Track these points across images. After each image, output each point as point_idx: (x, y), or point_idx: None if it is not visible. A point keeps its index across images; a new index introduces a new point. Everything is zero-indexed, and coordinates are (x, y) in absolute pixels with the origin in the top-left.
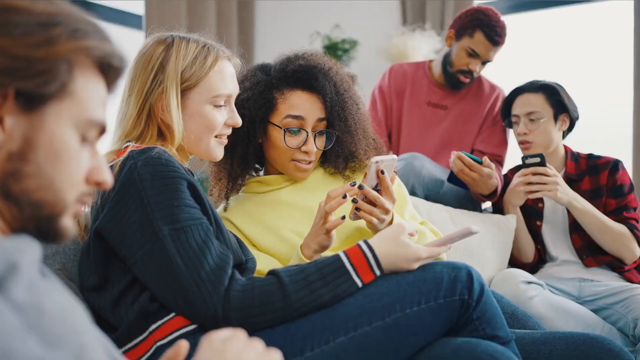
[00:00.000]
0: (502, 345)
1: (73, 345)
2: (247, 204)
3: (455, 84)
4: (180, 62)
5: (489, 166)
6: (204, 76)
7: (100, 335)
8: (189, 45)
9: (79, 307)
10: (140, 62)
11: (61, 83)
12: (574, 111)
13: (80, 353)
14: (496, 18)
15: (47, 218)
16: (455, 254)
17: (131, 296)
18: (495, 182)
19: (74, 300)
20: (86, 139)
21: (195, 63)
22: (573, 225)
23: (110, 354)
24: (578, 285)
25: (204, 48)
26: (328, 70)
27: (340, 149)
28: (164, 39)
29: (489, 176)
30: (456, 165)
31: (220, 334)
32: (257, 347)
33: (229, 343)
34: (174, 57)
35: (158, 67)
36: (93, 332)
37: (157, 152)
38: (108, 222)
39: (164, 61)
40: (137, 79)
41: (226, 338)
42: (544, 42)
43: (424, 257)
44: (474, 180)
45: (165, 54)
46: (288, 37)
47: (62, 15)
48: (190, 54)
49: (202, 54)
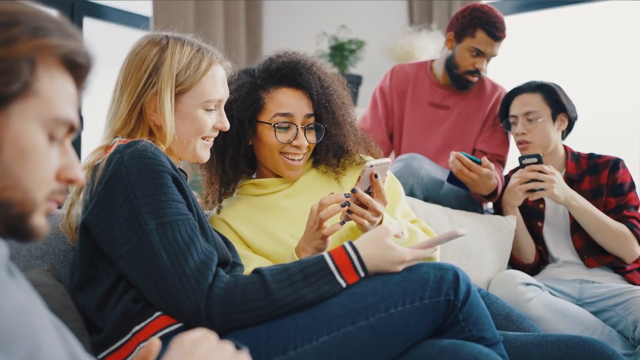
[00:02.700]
0: (489, 347)
1: (25, 345)
2: (241, 206)
3: (463, 84)
4: (175, 66)
5: (488, 166)
6: (197, 81)
7: (65, 334)
8: (184, 48)
9: (40, 306)
10: (134, 62)
11: (24, 82)
12: (572, 111)
13: (33, 353)
14: (494, 14)
15: (17, 217)
16: (453, 255)
17: (114, 298)
18: (494, 183)
19: (37, 299)
20: (54, 137)
21: (190, 67)
22: (574, 226)
23: (72, 354)
24: (579, 286)
25: (199, 52)
26: (311, 65)
27: (330, 143)
28: (159, 40)
29: (488, 177)
30: (455, 165)
31: (191, 335)
32: (226, 349)
33: (198, 344)
34: (169, 60)
35: (152, 68)
36: (53, 332)
37: (143, 145)
38: (95, 217)
39: (159, 63)
40: (129, 78)
41: (197, 339)
42: (551, 42)
43: (409, 260)
44: (473, 180)
45: (160, 56)
46: (295, 38)
47: (23, 15)
48: (185, 58)
49: (197, 58)
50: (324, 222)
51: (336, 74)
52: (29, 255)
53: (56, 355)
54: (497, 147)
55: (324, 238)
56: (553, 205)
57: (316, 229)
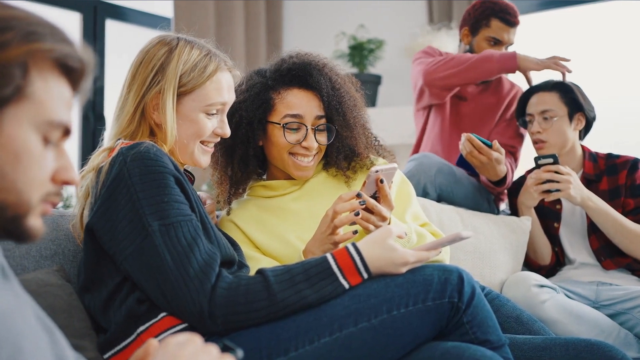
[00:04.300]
0: (494, 350)
1: (6, 348)
2: (251, 208)
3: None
4: (181, 67)
5: (498, 150)
6: (200, 84)
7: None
8: (192, 50)
9: (29, 310)
10: (142, 60)
11: (16, 87)
12: (590, 111)
13: (14, 356)
14: (504, 2)
15: (12, 219)
16: (465, 256)
17: (119, 299)
18: (504, 169)
19: (26, 303)
20: (49, 140)
21: (195, 70)
22: (591, 227)
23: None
24: (595, 289)
25: (207, 56)
26: (322, 66)
27: (341, 145)
28: (169, 41)
29: (498, 161)
30: (465, 147)
31: (177, 338)
32: (212, 352)
33: (183, 347)
34: (175, 60)
35: (158, 67)
36: (42, 335)
37: (145, 147)
38: (99, 219)
39: (165, 62)
40: (137, 76)
41: (182, 342)
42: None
43: (412, 261)
44: (482, 164)
45: (167, 56)
46: (314, 38)
47: (15, 20)
48: (192, 60)
49: (203, 62)
50: (337, 229)
51: (349, 75)
52: (38, 256)
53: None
54: (511, 139)
55: (336, 244)
56: (570, 206)
57: (329, 234)
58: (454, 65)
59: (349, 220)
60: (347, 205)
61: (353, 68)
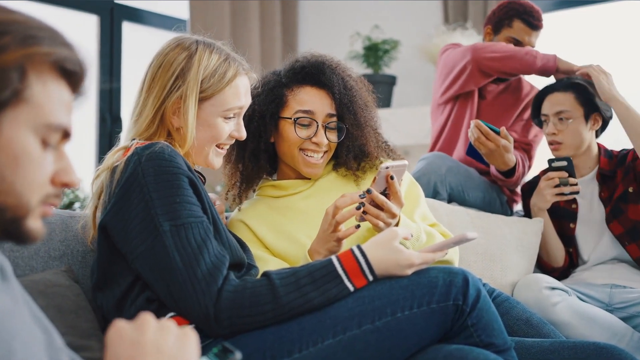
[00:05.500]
0: (499, 354)
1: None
2: (261, 207)
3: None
4: (202, 72)
5: (506, 137)
6: (220, 90)
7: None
8: (212, 55)
9: (25, 311)
10: (161, 65)
11: (14, 90)
12: (607, 110)
13: (5, 357)
14: (530, 5)
15: (12, 221)
16: (476, 258)
17: (131, 298)
18: (513, 158)
19: (23, 304)
20: (48, 142)
21: (214, 76)
22: (611, 213)
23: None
24: (609, 291)
25: (226, 61)
26: (335, 66)
27: (351, 144)
28: (188, 45)
29: (506, 148)
30: (473, 133)
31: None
32: (171, 328)
33: (141, 330)
34: (196, 66)
35: (179, 72)
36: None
37: (160, 147)
38: (112, 218)
39: (186, 68)
40: (157, 80)
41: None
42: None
43: (418, 263)
44: (490, 151)
45: (187, 61)
46: (329, 38)
47: (14, 24)
48: (212, 65)
49: (222, 67)
50: (339, 225)
51: (361, 77)
52: (47, 256)
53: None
54: (526, 137)
55: (339, 241)
56: (586, 203)
57: (331, 231)
58: (499, 49)
59: (351, 215)
60: (347, 199)
61: (368, 69)
